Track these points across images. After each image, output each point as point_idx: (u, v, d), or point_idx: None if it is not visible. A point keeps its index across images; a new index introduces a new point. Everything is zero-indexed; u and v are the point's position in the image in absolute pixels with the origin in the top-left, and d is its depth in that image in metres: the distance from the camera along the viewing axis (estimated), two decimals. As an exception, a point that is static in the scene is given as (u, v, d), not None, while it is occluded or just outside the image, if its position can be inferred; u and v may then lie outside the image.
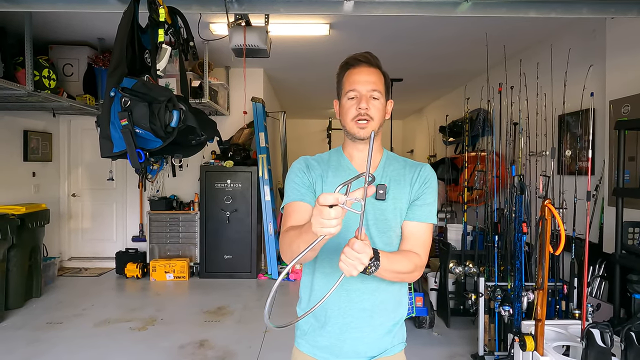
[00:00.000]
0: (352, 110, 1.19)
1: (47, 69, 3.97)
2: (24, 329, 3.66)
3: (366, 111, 1.17)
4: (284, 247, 1.12)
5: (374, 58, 1.23)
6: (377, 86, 1.19)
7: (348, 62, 1.23)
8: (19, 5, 2.42)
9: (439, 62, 5.35)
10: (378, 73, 1.22)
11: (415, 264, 1.17)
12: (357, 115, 1.18)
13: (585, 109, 3.29)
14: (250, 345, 3.34)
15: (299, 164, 1.28)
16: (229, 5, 2.41)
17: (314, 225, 0.85)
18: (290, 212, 1.19)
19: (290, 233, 1.09)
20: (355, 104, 1.18)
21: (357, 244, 0.89)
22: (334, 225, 0.83)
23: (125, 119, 1.91)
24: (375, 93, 1.19)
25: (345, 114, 1.21)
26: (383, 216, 1.20)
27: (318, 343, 1.25)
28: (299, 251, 1.01)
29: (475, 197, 4.53)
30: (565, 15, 2.44)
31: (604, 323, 2.11)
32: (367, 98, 1.18)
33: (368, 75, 1.19)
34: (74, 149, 5.90)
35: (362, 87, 1.18)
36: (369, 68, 1.21)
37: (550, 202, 2.17)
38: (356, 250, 0.89)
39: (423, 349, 3.30)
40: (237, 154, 5.36)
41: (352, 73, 1.21)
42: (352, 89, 1.19)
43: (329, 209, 0.82)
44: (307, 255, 1.02)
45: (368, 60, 1.21)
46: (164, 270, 5.21)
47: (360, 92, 1.18)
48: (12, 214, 4.00)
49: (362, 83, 1.18)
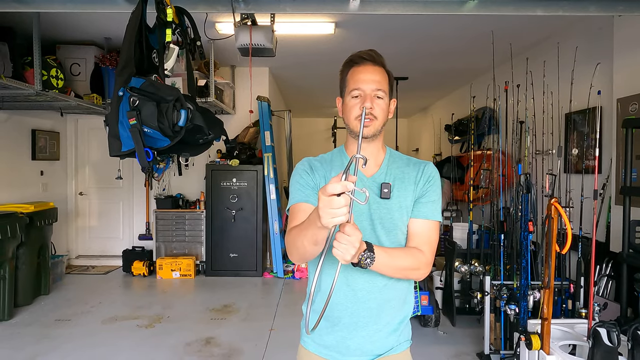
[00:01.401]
0: (356, 109, 1.19)
1: (54, 69, 4.00)
2: (33, 326, 3.70)
3: (370, 110, 1.17)
4: (289, 246, 1.14)
5: (379, 56, 1.22)
6: (381, 85, 1.19)
7: (352, 60, 1.23)
8: (28, 6, 2.44)
9: (445, 60, 5.34)
10: (382, 72, 1.21)
11: (419, 260, 1.17)
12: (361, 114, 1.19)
13: (592, 107, 3.28)
14: (256, 343, 3.36)
15: (302, 165, 1.29)
16: (235, 4, 2.42)
17: (323, 218, 0.87)
18: (295, 213, 1.20)
19: (293, 232, 1.12)
20: (360, 102, 1.18)
21: (347, 227, 0.92)
22: (344, 213, 0.86)
23: (133, 118, 1.93)
24: (379, 92, 1.19)
25: (348, 112, 1.21)
26: (389, 215, 1.20)
27: (324, 342, 1.25)
28: (304, 248, 1.04)
29: (481, 196, 4.52)
30: (572, 13, 2.43)
31: (610, 322, 2.11)
32: (372, 97, 1.18)
33: (373, 74, 1.19)
34: (81, 147, 5.95)
35: (366, 86, 1.18)
36: (374, 66, 1.20)
37: (557, 200, 2.16)
38: (347, 233, 0.92)
39: (429, 347, 3.30)
40: (242, 153, 5.38)
41: (356, 71, 1.21)
42: (356, 88, 1.19)
43: (338, 197, 0.84)
44: (313, 251, 1.04)
45: (372, 59, 1.21)
46: (170, 268, 5.25)
47: (365, 91, 1.18)
48: (21, 212, 4.04)
49: (366, 82, 1.18)
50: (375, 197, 1.21)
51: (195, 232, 5.43)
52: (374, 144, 1.24)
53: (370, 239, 1.18)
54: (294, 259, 1.16)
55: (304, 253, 1.08)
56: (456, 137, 6.58)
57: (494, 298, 3.05)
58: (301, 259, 1.13)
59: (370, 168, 1.25)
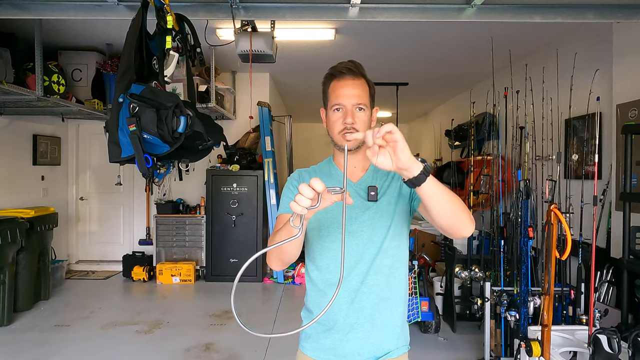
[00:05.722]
0: (339, 123, 1.21)
1: (56, 74, 4.02)
2: (32, 331, 3.69)
3: (352, 125, 1.19)
4: (268, 250, 1.15)
5: (358, 67, 1.23)
6: (362, 99, 1.20)
7: (332, 74, 1.25)
8: (30, 13, 2.47)
9: (445, 66, 5.35)
10: (363, 84, 1.22)
11: (466, 207, 1.08)
12: (344, 129, 1.20)
13: (591, 113, 3.28)
14: (256, 349, 3.35)
15: (292, 177, 1.34)
16: (236, 11, 2.44)
17: (292, 202, 0.89)
18: (279, 223, 1.22)
19: (272, 235, 1.15)
20: (342, 117, 1.20)
21: (392, 125, 0.89)
22: (304, 205, 0.87)
23: (133, 124, 1.93)
24: (360, 105, 1.20)
25: (332, 126, 1.24)
26: (378, 214, 1.23)
27: (322, 345, 1.26)
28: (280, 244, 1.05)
29: (481, 202, 4.52)
30: (571, 20, 2.44)
31: (611, 329, 2.10)
32: (353, 112, 1.20)
33: (353, 89, 1.20)
34: (82, 153, 5.96)
35: (347, 101, 1.20)
36: (354, 80, 1.21)
37: (557, 206, 2.16)
38: (394, 131, 0.88)
39: (428, 353, 3.28)
40: (243, 158, 5.39)
41: (337, 86, 1.22)
42: (337, 103, 1.21)
43: (309, 188, 0.86)
44: (289, 251, 1.09)
45: (352, 72, 1.22)
46: (170, 274, 5.24)
47: (346, 106, 1.20)
48: (22, 217, 4.04)
49: (347, 97, 1.20)
50: (363, 201, 1.23)
51: (196, 237, 5.43)
52: (360, 152, 1.27)
53: (353, 246, 1.21)
54: (272, 261, 1.18)
55: (280, 253, 1.12)
56: (456, 143, 6.58)
57: (495, 304, 3.04)
58: (278, 260, 1.16)
59: (356, 173, 1.28)
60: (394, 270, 1.25)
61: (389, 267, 1.23)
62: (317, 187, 0.86)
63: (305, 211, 0.88)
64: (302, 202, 0.87)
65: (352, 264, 1.21)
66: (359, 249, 1.22)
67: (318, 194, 0.88)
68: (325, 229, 1.24)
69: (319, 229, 1.25)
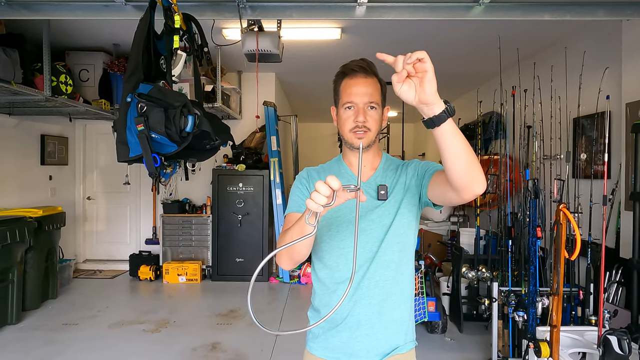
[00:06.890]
0: (350, 121, 1.21)
1: (64, 75, 4.05)
2: (40, 330, 3.72)
3: (364, 123, 1.19)
4: (279, 246, 1.15)
5: (370, 65, 1.23)
6: (373, 98, 1.20)
7: (344, 72, 1.24)
8: (38, 13, 2.48)
9: (451, 65, 5.32)
10: (374, 82, 1.22)
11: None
12: (355, 127, 1.20)
13: (600, 112, 3.25)
14: (262, 348, 3.35)
15: (301, 175, 1.33)
16: (242, 11, 2.44)
17: (308, 200, 0.88)
18: (288, 222, 1.21)
19: (282, 234, 1.13)
20: (353, 115, 1.20)
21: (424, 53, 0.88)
22: (321, 202, 0.86)
23: (141, 124, 1.94)
24: (372, 104, 1.20)
25: (343, 125, 1.23)
26: (387, 212, 1.23)
27: (330, 344, 1.26)
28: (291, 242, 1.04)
29: (488, 201, 4.49)
30: (580, 18, 2.42)
31: (621, 330, 2.08)
32: (364, 110, 1.19)
33: (365, 87, 1.20)
34: (89, 153, 6.00)
35: (359, 99, 1.19)
36: (366, 78, 1.21)
37: (565, 206, 2.14)
38: (426, 60, 0.87)
39: (435, 354, 3.27)
40: (249, 158, 5.40)
41: (348, 84, 1.22)
42: (349, 101, 1.21)
43: (326, 186, 0.85)
44: (301, 250, 1.07)
45: (364, 70, 1.21)
46: (177, 273, 5.26)
47: (357, 104, 1.20)
48: (30, 216, 4.08)
49: (359, 95, 1.19)
50: (373, 200, 1.23)
51: (202, 236, 5.44)
52: (370, 151, 1.27)
53: (366, 241, 1.21)
54: (282, 260, 1.17)
55: (291, 252, 1.10)
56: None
57: (502, 304, 3.02)
58: (289, 259, 1.15)
59: (366, 172, 1.29)
60: (400, 266, 1.24)
61: (396, 262, 1.23)
62: (334, 185, 0.86)
63: (322, 209, 0.87)
64: (318, 200, 0.86)
65: (361, 262, 1.21)
66: (368, 247, 1.22)
67: (334, 191, 0.87)
68: (334, 228, 1.24)
69: (328, 228, 1.24)
